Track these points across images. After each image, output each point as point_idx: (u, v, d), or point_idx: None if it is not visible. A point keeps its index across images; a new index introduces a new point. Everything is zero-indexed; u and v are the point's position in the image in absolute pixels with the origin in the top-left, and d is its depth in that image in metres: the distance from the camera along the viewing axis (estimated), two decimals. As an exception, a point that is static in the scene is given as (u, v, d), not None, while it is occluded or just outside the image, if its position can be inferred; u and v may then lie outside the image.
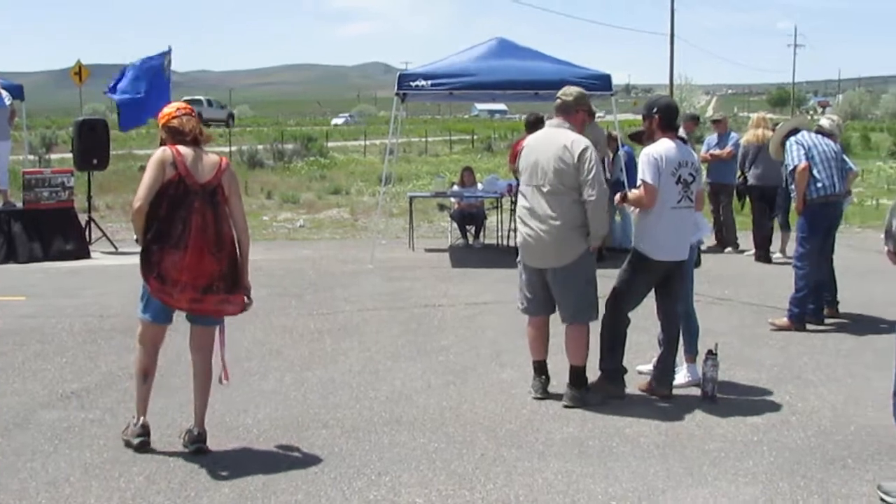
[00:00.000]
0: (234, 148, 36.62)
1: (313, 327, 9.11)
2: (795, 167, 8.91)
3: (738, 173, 13.63)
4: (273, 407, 6.59)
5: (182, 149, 5.51)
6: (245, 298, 5.71)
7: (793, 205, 9.36)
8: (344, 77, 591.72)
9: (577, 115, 6.74)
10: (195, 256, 5.43)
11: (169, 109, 5.71)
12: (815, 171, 8.87)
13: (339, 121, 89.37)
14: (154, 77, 15.13)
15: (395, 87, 13.22)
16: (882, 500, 4.95)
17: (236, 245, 5.65)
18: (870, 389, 6.92)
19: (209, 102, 64.80)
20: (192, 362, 5.77)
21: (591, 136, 7.05)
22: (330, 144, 44.59)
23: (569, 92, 6.76)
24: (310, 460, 5.56)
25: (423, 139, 50.09)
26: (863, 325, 9.24)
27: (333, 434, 6.03)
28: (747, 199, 13.80)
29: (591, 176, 6.38)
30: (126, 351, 5.99)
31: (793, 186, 9.06)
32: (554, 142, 6.52)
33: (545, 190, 6.47)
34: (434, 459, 5.58)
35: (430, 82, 12.96)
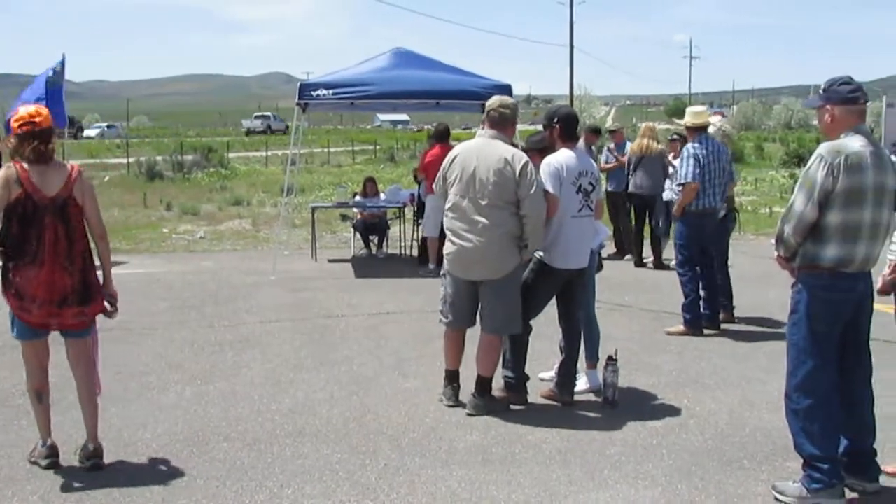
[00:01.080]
0: (131, 159, 35.96)
1: (214, 340, 8.98)
2: (688, 183, 9.09)
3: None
4: (173, 421, 6.47)
5: (27, 165, 5.37)
6: (107, 306, 5.59)
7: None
8: (244, 87, 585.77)
9: (512, 127, 6.76)
10: (49, 272, 5.35)
11: (14, 122, 5.50)
12: (703, 186, 9.09)
13: (93, 132, 77.76)
14: (49, 87, 14.73)
15: (297, 97, 13.13)
16: (777, 499, 5.08)
17: (86, 258, 5.50)
18: (764, 392, 7.10)
19: (274, 117, 76.87)
20: (74, 377, 5.66)
21: None
22: (231, 155, 44.08)
23: (506, 103, 6.70)
24: (211, 474, 5.48)
25: (326, 149, 49.87)
26: (756, 329, 9.49)
27: (235, 447, 5.94)
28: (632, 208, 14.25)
29: (532, 191, 6.38)
30: (19, 367, 5.82)
31: (677, 189, 9.26)
32: (492, 154, 6.46)
33: (483, 203, 6.42)
34: (337, 470, 5.54)
35: (331, 92, 12.89)
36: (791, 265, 5.08)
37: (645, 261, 13.97)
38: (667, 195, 13.07)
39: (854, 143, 4.86)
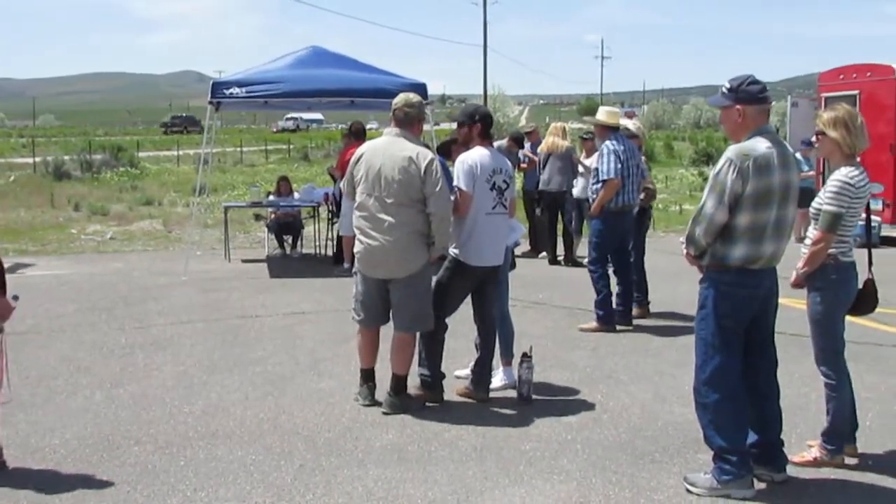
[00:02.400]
0: (38, 159, 35.13)
1: (125, 342, 8.81)
2: (610, 179, 9.19)
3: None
4: (82, 426, 6.32)
5: None
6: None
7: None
8: (155, 86, 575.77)
9: (418, 125, 6.75)
10: None
11: None
12: (621, 184, 9.21)
13: None
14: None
15: (209, 96, 12.95)
16: (688, 490, 5.16)
17: None
18: (676, 386, 7.22)
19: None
20: None
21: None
22: (141, 154, 43.35)
23: (411, 102, 6.68)
24: (122, 479, 5.36)
25: (239, 149, 49.33)
26: (668, 324, 9.65)
27: (146, 451, 5.84)
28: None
29: (437, 188, 6.39)
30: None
31: (596, 186, 9.36)
32: (398, 152, 6.46)
33: (389, 201, 6.41)
34: (252, 472, 5.48)
35: (244, 90, 12.75)
36: (700, 262, 5.17)
37: (558, 258, 14.11)
38: (577, 192, 13.23)
39: (761, 145, 4.96)
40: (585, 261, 12.47)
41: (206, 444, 5.97)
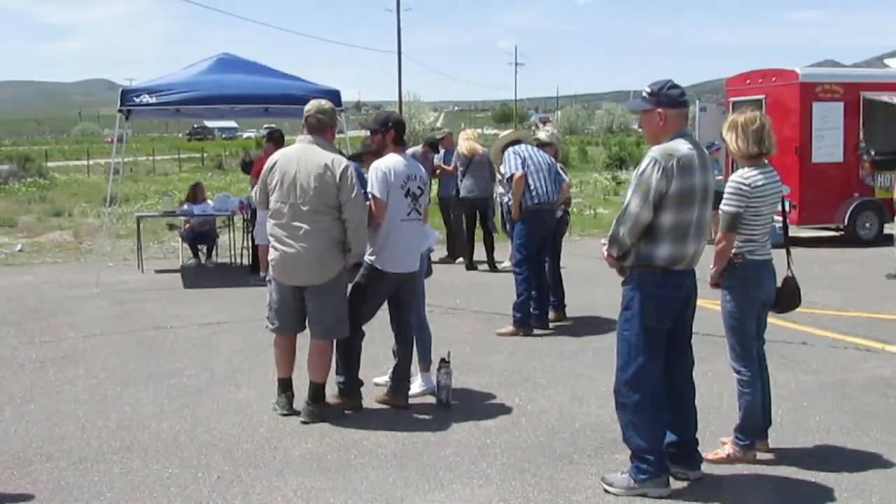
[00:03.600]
0: (-59, 169, 34.16)
1: (35, 356, 8.60)
2: (512, 175, 9.30)
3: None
4: (-9, 443, 6.16)
5: None
6: None
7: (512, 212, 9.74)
8: (64, 94, 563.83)
9: (330, 131, 6.73)
10: None
11: None
12: (529, 181, 9.31)
13: None
14: None
15: (119, 104, 12.74)
16: (606, 490, 5.22)
17: None
18: (592, 388, 7.31)
19: None
20: None
21: None
22: (50, 164, 42.44)
23: (323, 108, 6.66)
24: (34, 496, 5.24)
25: (151, 158, 48.58)
26: (584, 327, 9.75)
27: (59, 467, 5.71)
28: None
29: (353, 195, 6.38)
30: None
31: (510, 194, 9.46)
32: (312, 159, 6.42)
33: (305, 209, 6.38)
34: (168, 486, 5.39)
35: (155, 98, 12.55)
36: (621, 264, 5.22)
37: (498, 263, 14.05)
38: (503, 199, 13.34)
39: (683, 146, 5.06)
40: (503, 265, 12.57)
41: (120, 458, 5.86)
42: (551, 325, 9.70)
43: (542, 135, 10.47)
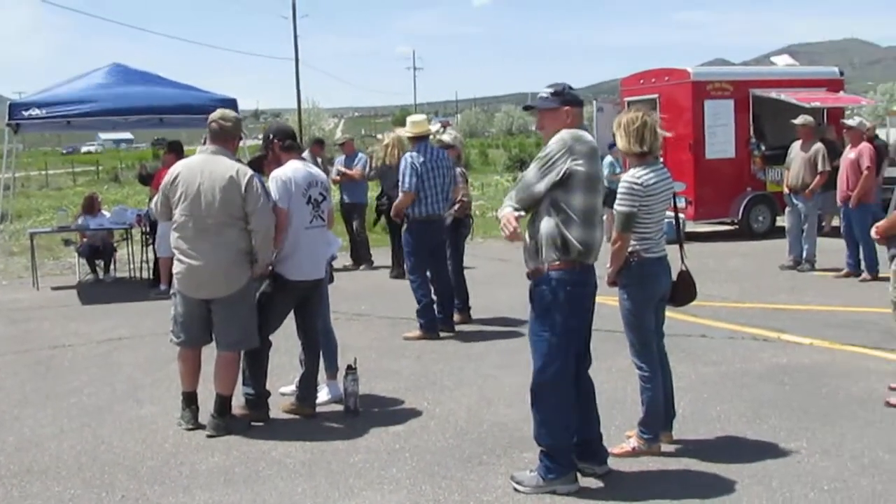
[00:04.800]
0: None
1: (-74, 381, 8.31)
2: (405, 192, 9.34)
3: (380, 192, 13.98)
4: None
5: None
6: None
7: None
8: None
9: (235, 141, 6.65)
10: None
11: None
12: (422, 194, 9.35)
13: None
14: None
15: (7, 118, 12.39)
16: (515, 489, 5.26)
17: None
18: (499, 388, 7.36)
19: None
20: None
21: None
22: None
23: (227, 116, 6.59)
24: (-72, 526, 5.07)
25: (44, 172, 47.38)
26: (489, 328, 9.81)
27: (-45, 494, 5.53)
28: (381, 218, 14.23)
29: (259, 205, 6.33)
30: None
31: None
32: (216, 171, 6.34)
33: (210, 221, 6.29)
34: (71, 507, 5.26)
35: (45, 111, 12.27)
36: (518, 236, 5.12)
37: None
38: None
39: (588, 136, 5.20)
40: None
41: (19, 481, 5.69)
42: (457, 327, 9.73)
43: (446, 137, 10.51)
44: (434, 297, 9.55)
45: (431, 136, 10.04)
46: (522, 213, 5.19)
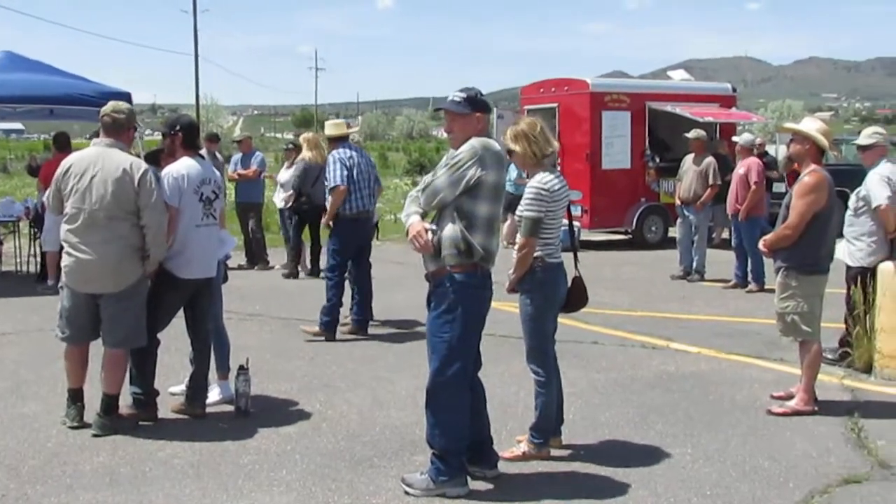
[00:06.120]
0: None
1: None
2: (336, 186, 9.27)
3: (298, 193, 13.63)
4: None
5: None
6: None
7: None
8: None
9: (128, 133, 6.52)
10: None
11: None
12: (352, 189, 9.34)
13: None
14: None
15: None
16: (406, 492, 5.26)
17: None
18: (393, 391, 7.36)
19: None
20: None
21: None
22: None
23: (120, 108, 6.46)
24: None
25: (-74, 162, 45.70)
26: (386, 331, 9.81)
27: None
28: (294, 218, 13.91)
29: (152, 200, 6.21)
30: None
31: (329, 199, 9.43)
32: (109, 164, 6.20)
33: (101, 215, 6.15)
34: (-54, 507, 5.08)
35: (-73, 99, 11.81)
36: (427, 238, 5.13)
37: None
38: (279, 203, 13.27)
39: (496, 144, 5.25)
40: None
41: None
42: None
43: (355, 136, 10.50)
44: (355, 297, 9.58)
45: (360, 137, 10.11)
46: (429, 224, 5.21)
